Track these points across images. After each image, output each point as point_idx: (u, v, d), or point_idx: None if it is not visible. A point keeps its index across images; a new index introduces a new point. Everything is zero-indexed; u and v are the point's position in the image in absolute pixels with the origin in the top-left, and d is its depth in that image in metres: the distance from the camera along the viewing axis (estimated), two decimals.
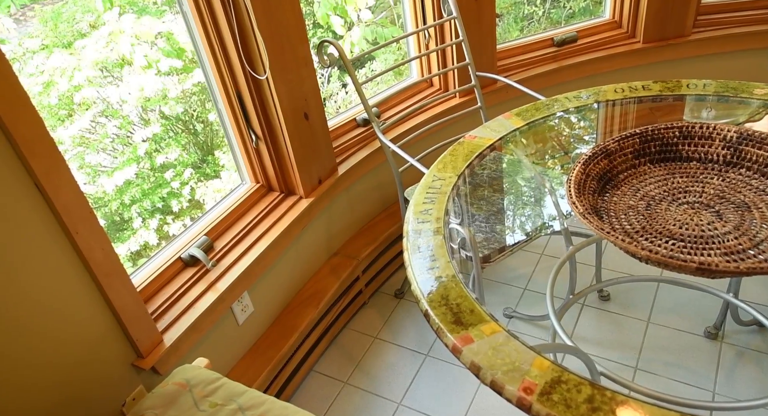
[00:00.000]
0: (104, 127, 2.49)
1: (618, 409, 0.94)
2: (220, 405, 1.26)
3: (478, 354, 1.08)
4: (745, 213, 1.25)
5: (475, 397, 2.07)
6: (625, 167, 1.46)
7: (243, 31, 1.77)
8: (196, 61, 1.96)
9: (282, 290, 2.20)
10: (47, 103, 2.39)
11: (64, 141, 2.40)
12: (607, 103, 1.86)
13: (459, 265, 1.32)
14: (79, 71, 2.39)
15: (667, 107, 2.64)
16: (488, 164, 1.84)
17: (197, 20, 1.74)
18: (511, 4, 4.13)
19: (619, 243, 1.13)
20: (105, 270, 1.41)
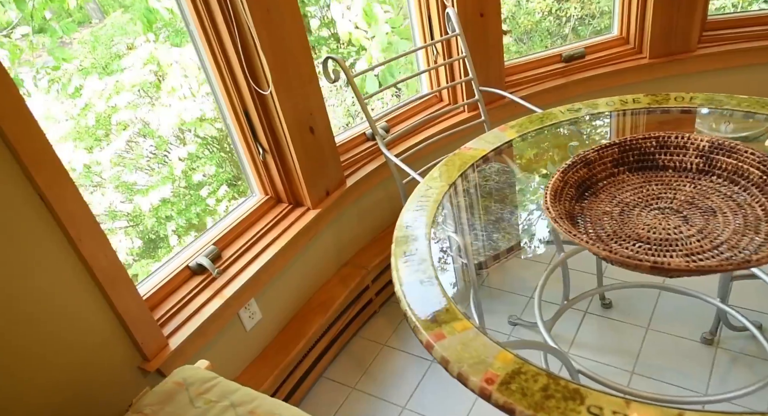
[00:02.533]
0: (140, 147, 2.59)
1: (569, 395, 0.96)
2: (213, 402, 1.30)
3: (448, 349, 1.10)
4: (710, 218, 1.26)
5: (475, 403, 2.08)
6: (605, 175, 1.48)
7: (247, 49, 1.83)
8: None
9: (291, 298, 2.24)
10: (84, 124, 2.49)
11: (101, 161, 2.50)
12: (618, 116, 1.87)
13: (461, 272, 1.35)
14: (117, 94, 2.50)
15: (675, 121, 2.64)
16: (483, 174, 1.87)
17: (203, 38, 1.80)
18: (536, 22, 4.17)
19: (583, 244, 1.14)
20: (109, 277, 1.47)
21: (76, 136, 2.42)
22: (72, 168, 2.38)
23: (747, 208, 1.26)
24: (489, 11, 2.54)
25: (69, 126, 2.39)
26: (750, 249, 1.12)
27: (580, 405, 0.94)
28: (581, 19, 3.78)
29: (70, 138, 2.41)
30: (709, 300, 1.93)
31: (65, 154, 2.37)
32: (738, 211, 1.26)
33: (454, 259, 1.66)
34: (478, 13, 2.52)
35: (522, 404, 0.96)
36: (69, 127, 2.39)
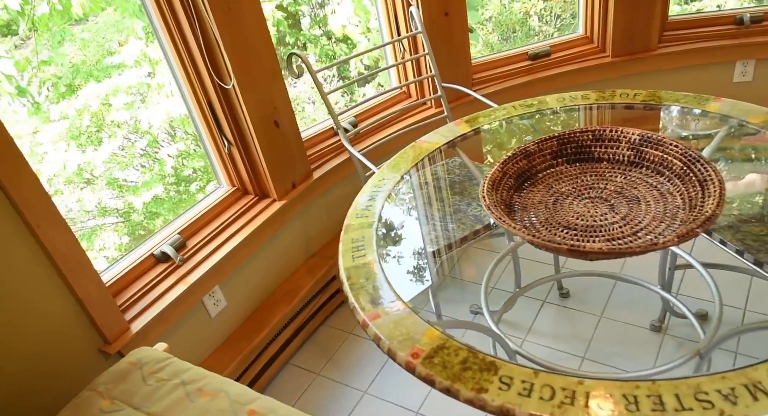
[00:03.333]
0: (133, 146, 2.64)
1: (485, 367, 1.02)
2: (165, 380, 1.36)
3: (381, 327, 1.17)
4: (634, 206, 1.33)
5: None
6: (544, 167, 1.54)
7: (209, 45, 1.88)
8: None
9: (257, 287, 2.30)
10: (78, 124, 2.53)
11: (95, 160, 2.53)
12: (587, 110, 1.93)
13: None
14: (114, 95, 2.55)
15: (639, 118, 2.71)
16: (438, 166, 1.93)
17: (166, 33, 1.86)
18: (518, 21, 4.23)
19: (511, 229, 1.21)
20: (68, 262, 1.52)
21: (71, 136, 2.47)
22: (63, 167, 2.43)
23: (668, 197, 1.33)
24: (453, 11, 2.60)
25: (63, 126, 2.44)
26: (664, 234, 1.19)
27: (493, 376, 1.00)
28: (563, 19, 3.85)
29: (64, 138, 2.45)
30: (654, 289, 2.00)
31: (60, 154, 2.41)
32: (660, 200, 1.33)
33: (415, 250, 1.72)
34: (443, 13, 2.58)
35: (441, 375, 1.02)
36: (63, 127, 2.43)
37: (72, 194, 2.49)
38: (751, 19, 2.78)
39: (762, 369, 0.90)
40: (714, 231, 1.67)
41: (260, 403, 1.24)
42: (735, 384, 0.89)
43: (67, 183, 2.49)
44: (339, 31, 3.31)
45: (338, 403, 2.15)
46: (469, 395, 0.97)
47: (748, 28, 2.80)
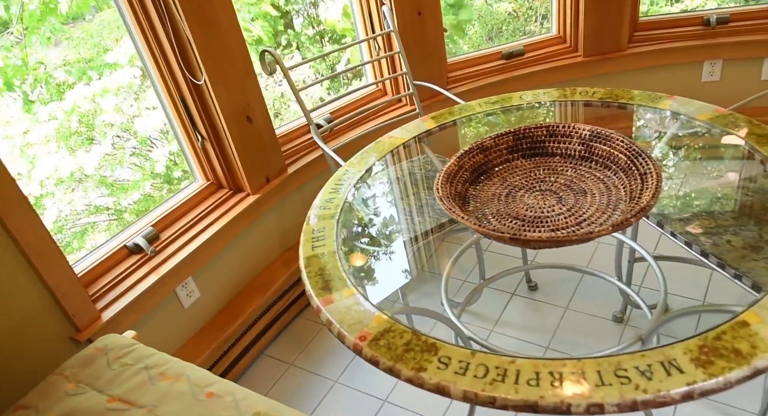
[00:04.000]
0: (124, 145, 2.67)
1: (426, 348, 1.07)
2: (129, 365, 1.40)
3: (333, 312, 1.22)
4: (581, 198, 1.38)
5: None
6: (500, 161, 1.59)
7: (179, 39, 1.93)
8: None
9: (231, 279, 2.34)
10: (68, 126, 2.57)
11: (86, 162, 2.57)
12: (561, 108, 1.98)
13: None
14: (102, 97, 2.58)
15: (611, 116, 2.77)
16: (407, 161, 1.98)
17: (138, 30, 1.90)
18: (503, 20, 4.29)
19: (459, 219, 1.26)
20: (38, 251, 1.56)
21: (61, 138, 2.50)
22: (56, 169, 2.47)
23: (613, 190, 1.38)
24: (427, 10, 2.65)
25: (53, 126, 2.47)
26: (605, 224, 1.25)
27: (433, 356, 1.05)
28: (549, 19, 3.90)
29: (54, 138, 2.49)
30: (613, 281, 2.05)
31: (50, 155, 2.44)
32: (605, 192, 1.38)
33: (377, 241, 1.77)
34: (416, 12, 2.62)
35: (385, 356, 1.07)
36: (53, 128, 2.47)
37: (65, 195, 2.52)
38: (717, 20, 2.84)
39: (678, 347, 0.96)
40: (666, 225, 1.73)
41: (219, 386, 1.29)
42: (652, 362, 0.94)
43: (58, 184, 2.53)
44: (332, 25, 3.34)
45: (309, 392, 2.20)
46: (409, 374, 1.02)
47: (714, 29, 2.86)
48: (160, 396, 1.28)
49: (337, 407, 2.11)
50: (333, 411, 2.09)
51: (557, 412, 0.91)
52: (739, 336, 0.94)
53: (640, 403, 0.88)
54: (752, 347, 0.92)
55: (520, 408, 0.93)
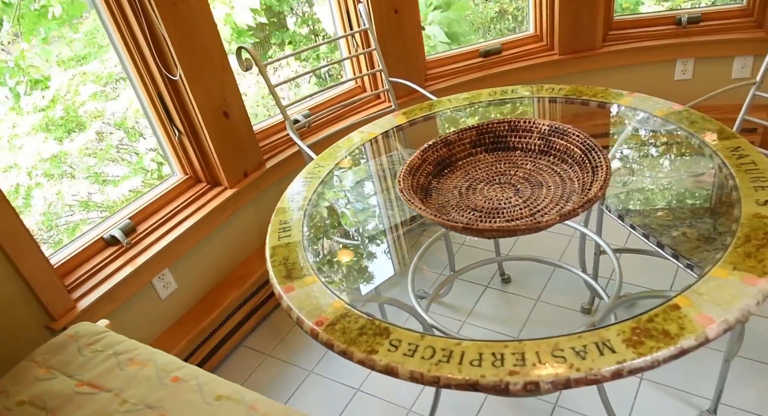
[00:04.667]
0: (110, 138, 2.70)
1: (379, 332, 1.12)
2: (99, 351, 1.44)
3: (293, 299, 1.26)
4: (537, 191, 1.43)
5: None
6: (464, 155, 1.64)
7: (154, 35, 1.97)
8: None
9: (209, 272, 2.38)
10: (53, 115, 2.59)
11: (70, 151, 2.59)
12: (540, 104, 2.01)
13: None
14: (84, 85, 2.61)
15: (587, 114, 2.82)
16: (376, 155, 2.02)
17: (113, 26, 1.94)
18: (490, 19, 4.33)
19: (417, 210, 1.30)
20: (12, 242, 1.59)
21: (45, 128, 2.53)
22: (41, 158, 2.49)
23: (568, 182, 1.43)
24: (404, 8, 2.69)
25: (37, 117, 2.49)
26: (554, 215, 1.29)
27: (384, 339, 1.10)
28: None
29: (40, 129, 2.51)
30: (578, 273, 2.10)
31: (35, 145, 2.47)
32: (560, 185, 1.43)
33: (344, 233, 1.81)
34: (393, 10, 2.66)
35: (340, 340, 1.11)
36: (38, 119, 2.49)
37: (54, 186, 2.55)
38: (689, 19, 2.89)
39: (613, 329, 1.01)
40: (626, 218, 1.78)
41: (184, 371, 1.33)
42: (587, 343, 0.99)
43: (47, 176, 2.55)
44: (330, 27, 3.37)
45: (285, 381, 2.24)
46: (360, 356, 1.06)
47: (686, 28, 2.91)
48: (127, 381, 1.31)
49: (311, 395, 2.15)
50: (307, 399, 2.14)
51: (496, 390, 0.95)
52: (669, 319, 0.99)
53: (573, 381, 0.93)
54: (680, 328, 0.96)
55: (462, 386, 0.97)
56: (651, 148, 1.87)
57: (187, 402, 1.24)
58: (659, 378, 1.92)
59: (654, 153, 1.89)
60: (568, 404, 1.92)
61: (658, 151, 1.89)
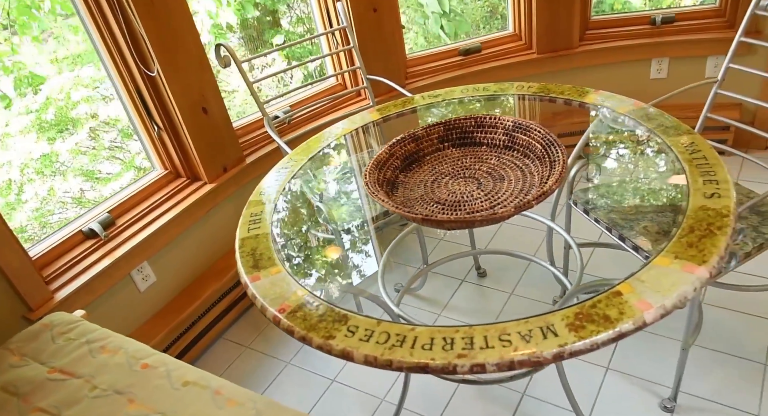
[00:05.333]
0: (101, 137, 2.71)
1: (338, 319, 1.16)
2: (72, 340, 1.47)
3: (258, 288, 1.29)
4: (498, 184, 1.47)
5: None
6: (432, 150, 1.68)
7: (132, 32, 2.00)
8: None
9: (188, 265, 2.41)
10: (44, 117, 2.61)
11: (62, 151, 2.60)
12: (521, 102, 2.05)
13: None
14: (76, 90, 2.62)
15: (567, 112, 2.86)
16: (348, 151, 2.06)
17: (92, 22, 1.97)
18: (481, 17, 4.36)
19: (380, 202, 1.34)
20: None
21: (39, 128, 2.54)
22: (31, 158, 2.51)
23: (528, 176, 1.47)
24: (382, 7, 2.73)
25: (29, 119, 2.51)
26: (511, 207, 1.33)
27: (343, 326, 1.13)
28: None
29: (32, 129, 2.53)
30: (547, 266, 2.15)
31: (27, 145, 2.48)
32: (521, 179, 1.47)
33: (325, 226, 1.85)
34: (372, 9, 2.70)
35: (300, 326, 1.15)
36: (29, 120, 2.51)
37: (45, 184, 2.56)
38: (663, 19, 2.94)
39: (558, 314, 1.05)
40: (590, 211, 1.83)
41: (154, 358, 1.36)
42: (533, 327, 1.03)
43: (38, 173, 2.57)
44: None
45: (263, 372, 2.27)
46: (319, 341, 1.10)
47: (660, 28, 2.96)
48: (98, 368, 1.35)
49: (288, 386, 2.19)
50: (284, 389, 2.17)
51: (445, 372, 0.99)
52: (611, 304, 1.03)
53: (516, 363, 0.97)
54: (620, 313, 1.01)
55: (413, 369, 1.01)
56: (616, 145, 1.91)
57: (155, 388, 1.27)
58: (624, 368, 1.97)
59: (619, 149, 1.94)
60: (536, 393, 1.96)
61: (622, 148, 1.94)
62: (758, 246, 1.59)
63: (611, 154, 1.83)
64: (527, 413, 1.90)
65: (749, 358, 1.91)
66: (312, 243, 1.79)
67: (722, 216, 1.18)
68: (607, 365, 2.00)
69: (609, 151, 1.93)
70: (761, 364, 1.88)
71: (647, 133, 1.59)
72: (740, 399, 1.79)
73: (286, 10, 3.68)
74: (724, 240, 1.11)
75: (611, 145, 1.92)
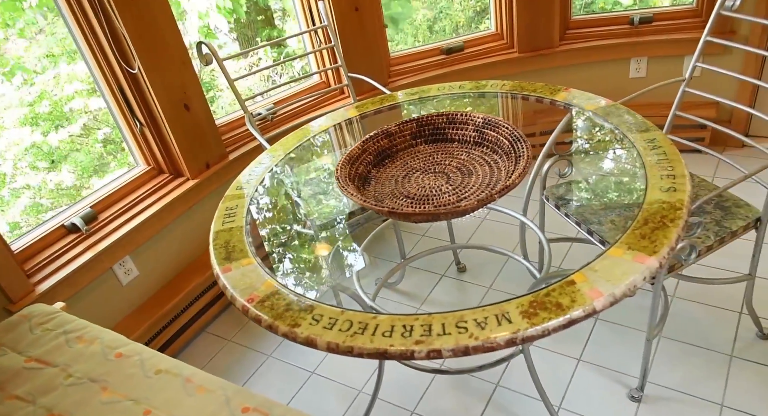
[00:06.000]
0: (95, 132, 2.74)
1: (304, 309, 1.19)
2: (49, 330, 1.50)
3: (230, 278, 1.32)
4: (466, 179, 1.51)
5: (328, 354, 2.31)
6: (405, 146, 1.71)
7: (113, 30, 2.02)
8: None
9: (171, 260, 2.43)
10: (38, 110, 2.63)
11: (53, 142, 2.62)
12: (504, 99, 2.08)
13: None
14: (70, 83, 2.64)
15: (548, 110, 2.90)
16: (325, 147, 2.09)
17: (73, 20, 1.99)
18: (470, 18, 4.38)
19: (349, 196, 1.37)
20: None
21: (32, 122, 2.56)
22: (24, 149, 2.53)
23: (495, 171, 1.51)
24: (364, 6, 2.76)
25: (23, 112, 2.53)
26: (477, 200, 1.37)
27: (308, 314, 1.17)
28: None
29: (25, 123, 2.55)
30: (520, 260, 2.18)
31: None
32: (488, 173, 1.51)
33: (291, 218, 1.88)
34: (353, 8, 2.73)
35: (267, 315, 1.18)
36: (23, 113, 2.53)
37: (39, 179, 2.58)
38: (641, 20, 2.98)
39: (513, 303, 1.08)
40: (562, 207, 1.87)
41: (128, 348, 1.39)
42: (489, 315, 1.07)
43: (32, 168, 2.59)
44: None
45: (244, 365, 2.30)
46: (284, 329, 1.13)
47: (638, 28, 3.00)
48: (74, 357, 1.38)
49: (269, 378, 2.22)
50: (265, 381, 2.20)
51: (403, 357, 1.03)
52: (564, 293, 1.07)
53: (471, 348, 1.00)
54: (572, 301, 1.04)
55: (373, 355, 1.04)
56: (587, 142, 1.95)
57: (128, 376, 1.30)
58: (595, 360, 2.01)
59: (589, 147, 1.98)
60: (510, 384, 2.00)
61: (592, 145, 1.98)
62: (720, 240, 1.63)
63: (582, 151, 1.87)
64: (500, 403, 1.94)
65: (715, 350, 1.95)
66: (286, 238, 1.82)
67: (676, 209, 1.22)
68: (579, 357, 2.04)
69: (580, 149, 1.97)
70: (727, 356, 1.92)
71: (615, 131, 1.63)
72: (705, 389, 1.83)
73: (277, 9, 3.71)
74: (675, 231, 1.15)
75: (583, 142, 1.96)
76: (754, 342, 1.95)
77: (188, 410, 1.19)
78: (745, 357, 1.90)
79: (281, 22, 3.82)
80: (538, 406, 1.87)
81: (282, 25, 3.78)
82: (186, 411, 1.18)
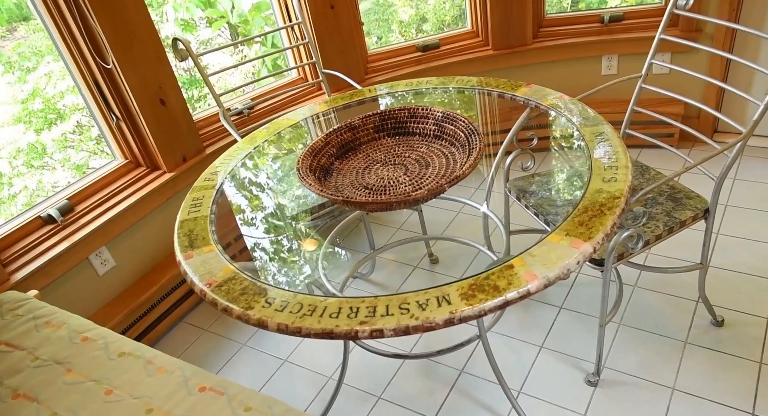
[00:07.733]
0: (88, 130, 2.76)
1: (258, 292, 1.23)
2: (20, 316, 1.54)
3: (191, 265, 1.36)
4: (423, 170, 1.55)
5: (303, 341, 2.35)
6: (368, 139, 1.76)
7: (87, 25, 2.05)
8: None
9: (148, 251, 2.47)
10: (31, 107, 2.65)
11: (47, 141, 2.64)
12: (482, 97, 2.11)
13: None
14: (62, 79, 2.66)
15: (524, 107, 2.94)
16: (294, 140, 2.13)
17: (48, 17, 2.02)
18: (456, 17, 4.41)
19: (308, 186, 1.42)
20: None
21: (25, 119, 2.58)
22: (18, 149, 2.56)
23: (452, 163, 1.55)
24: (339, 4, 2.79)
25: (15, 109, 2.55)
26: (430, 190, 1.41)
27: (262, 298, 1.21)
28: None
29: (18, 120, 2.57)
30: (485, 251, 2.23)
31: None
32: (444, 165, 1.55)
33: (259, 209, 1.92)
34: (329, 6, 2.76)
35: (223, 298, 1.22)
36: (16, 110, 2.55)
37: (33, 176, 2.60)
38: (611, 18, 3.03)
39: (454, 285, 1.13)
40: (522, 199, 1.91)
41: (95, 332, 1.43)
42: (430, 297, 1.11)
43: (28, 166, 2.61)
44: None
45: (219, 354, 2.34)
46: (238, 312, 1.18)
47: (608, 26, 3.05)
48: (41, 341, 1.41)
49: (242, 365, 2.26)
50: (238, 369, 2.24)
51: (348, 337, 1.07)
52: (502, 276, 1.12)
53: (411, 328, 1.05)
54: (508, 283, 1.09)
55: (320, 335, 1.09)
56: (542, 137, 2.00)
57: (92, 358, 1.34)
58: (556, 347, 2.06)
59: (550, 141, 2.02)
60: (473, 371, 2.05)
61: (552, 139, 2.03)
62: (669, 230, 1.68)
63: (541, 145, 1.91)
64: (464, 388, 1.99)
65: (670, 336, 2.00)
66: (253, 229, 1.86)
67: (615, 198, 1.26)
68: (541, 344, 2.09)
69: (538, 144, 2.01)
70: (681, 342, 1.98)
71: (570, 125, 1.68)
72: (659, 373, 1.89)
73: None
74: (611, 219, 1.19)
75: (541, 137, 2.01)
76: (708, 329, 2.01)
77: (148, 389, 1.23)
78: (699, 343, 1.96)
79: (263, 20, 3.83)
80: (499, 391, 1.92)
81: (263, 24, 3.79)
82: (146, 390, 1.22)
